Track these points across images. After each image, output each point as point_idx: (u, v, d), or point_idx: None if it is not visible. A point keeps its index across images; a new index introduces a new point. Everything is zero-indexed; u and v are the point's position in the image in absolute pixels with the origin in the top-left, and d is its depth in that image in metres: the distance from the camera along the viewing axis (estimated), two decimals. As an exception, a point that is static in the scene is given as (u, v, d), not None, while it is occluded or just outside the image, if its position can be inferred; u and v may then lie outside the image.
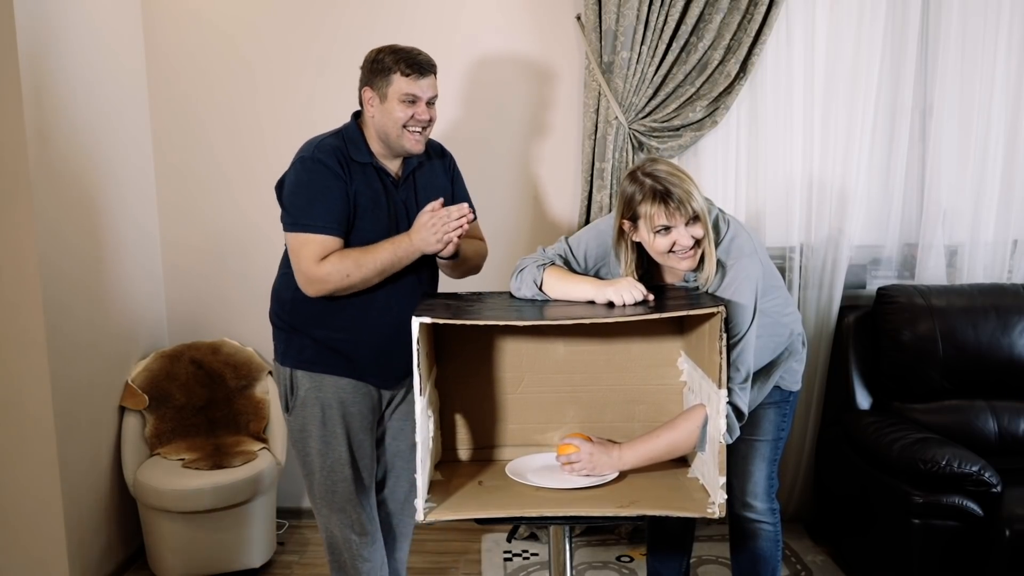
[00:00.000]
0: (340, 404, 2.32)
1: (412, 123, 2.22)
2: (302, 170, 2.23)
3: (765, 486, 2.38)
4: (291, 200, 2.23)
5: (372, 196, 2.25)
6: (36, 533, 2.74)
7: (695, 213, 2.00)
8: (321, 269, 2.18)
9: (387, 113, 2.22)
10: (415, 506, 1.84)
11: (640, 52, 3.02)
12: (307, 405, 2.33)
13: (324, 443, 2.34)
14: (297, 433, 2.38)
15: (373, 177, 2.27)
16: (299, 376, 2.33)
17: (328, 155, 2.22)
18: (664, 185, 1.99)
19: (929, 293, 3.09)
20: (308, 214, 2.19)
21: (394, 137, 2.24)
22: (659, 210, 2.00)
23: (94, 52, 2.95)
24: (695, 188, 2.02)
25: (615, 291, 1.96)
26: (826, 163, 3.19)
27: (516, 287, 2.12)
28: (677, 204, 1.98)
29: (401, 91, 2.20)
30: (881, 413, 3.07)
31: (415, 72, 2.21)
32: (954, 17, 3.12)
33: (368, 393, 2.36)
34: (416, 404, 1.81)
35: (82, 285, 2.86)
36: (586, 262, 2.20)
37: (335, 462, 2.35)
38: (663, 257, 2.07)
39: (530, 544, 3.29)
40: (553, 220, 3.32)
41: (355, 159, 2.25)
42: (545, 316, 1.96)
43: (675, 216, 2.00)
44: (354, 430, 2.35)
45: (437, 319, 1.81)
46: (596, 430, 2.12)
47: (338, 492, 2.36)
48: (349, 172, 2.23)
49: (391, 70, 2.20)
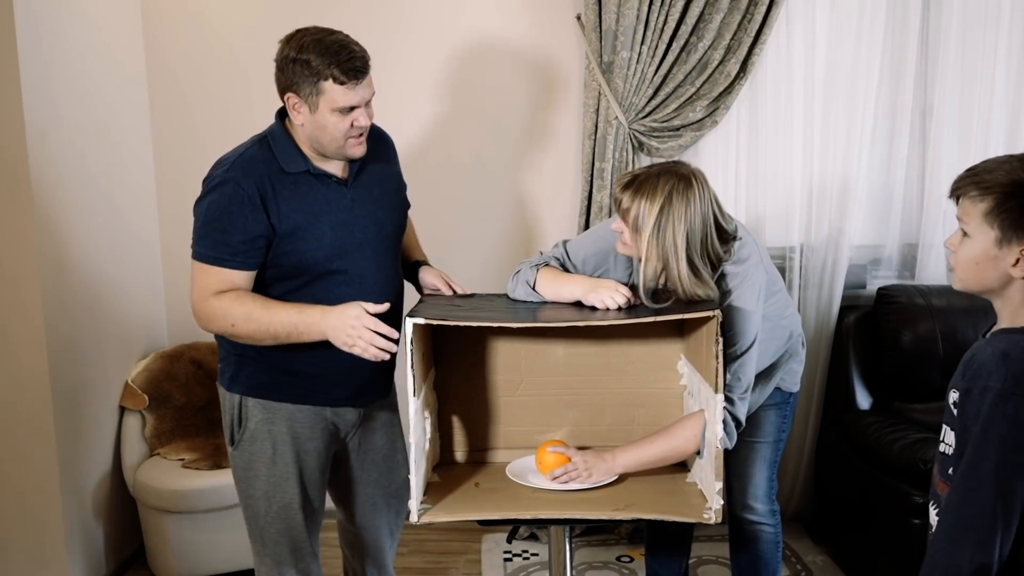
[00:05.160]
0: (294, 440, 2.05)
1: (352, 131, 1.93)
2: (214, 192, 1.92)
3: (766, 488, 2.38)
4: (197, 225, 1.95)
5: (311, 211, 1.95)
6: (36, 533, 2.75)
7: (633, 226, 1.95)
8: (207, 306, 1.92)
9: (321, 126, 1.91)
10: (409, 507, 1.83)
11: (640, 52, 3.02)
12: (256, 440, 2.04)
13: (272, 485, 2.05)
14: (241, 471, 2.08)
15: (312, 186, 1.96)
16: (250, 405, 2.04)
17: (245, 175, 1.90)
18: (636, 177, 1.97)
19: (929, 293, 3.09)
20: (211, 243, 1.91)
21: (332, 149, 1.95)
22: (619, 189, 1.98)
23: (94, 52, 2.95)
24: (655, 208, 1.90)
25: (597, 296, 1.94)
26: (826, 163, 3.19)
27: (511, 288, 2.12)
28: (627, 190, 1.95)
29: (336, 103, 1.87)
30: (881, 413, 3.07)
31: (351, 79, 1.87)
32: (954, 17, 3.11)
33: (327, 427, 2.09)
34: (410, 405, 1.80)
35: (82, 285, 2.86)
36: (584, 267, 2.16)
37: (283, 507, 2.07)
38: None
39: (530, 544, 3.28)
40: (553, 220, 3.32)
41: (286, 170, 1.94)
42: (539, 319, 1.96)
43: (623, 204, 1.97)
44: (308, 469, 2.08)
45: (430, 319, 1.81)
46: (595, 434, 2.12)
47: (283, 541, 2.09)
48: (274, 190, 1.91)
49: (320, 75, 1.86)
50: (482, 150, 3.26)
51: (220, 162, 1.98)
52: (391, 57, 3.22)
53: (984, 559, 1.39)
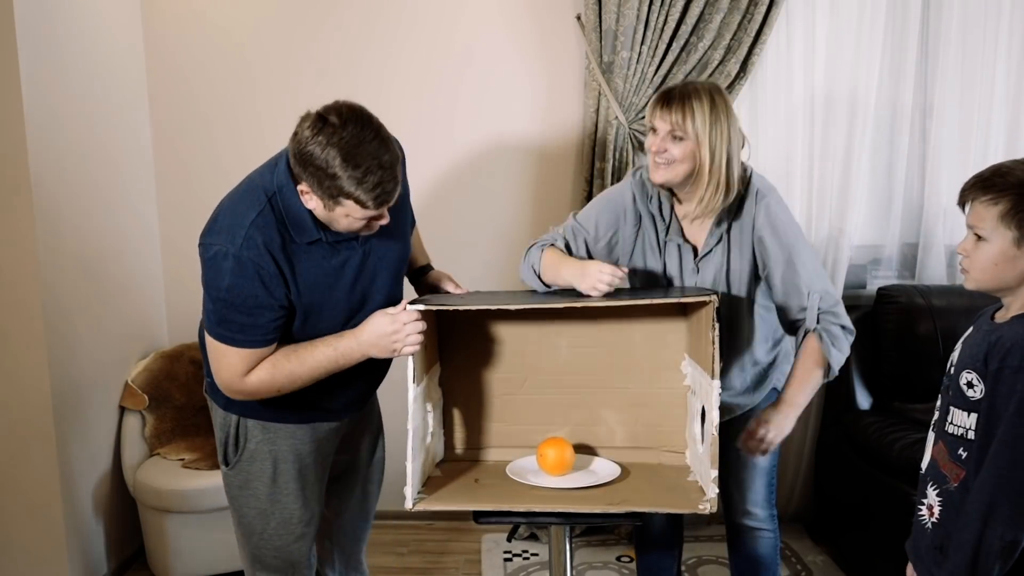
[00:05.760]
0: (296, 457, 1.98)
1: (369, 228, 1.81)
2: (226, 269, 1.75)
3: (765, 494, 2.36)
4: (217, 307, 1.80)
5: (327, 282, 1.85)
6: (36, 533, 2.74)
7: (683, 130, 2.00)
8: (246, 385, 1.83)
9: (334, 219, 1.78)
10: (404, 495, 1.82)
11: (640, 52, 3.02)
12: (256, 460, 1.97)
13: (272, 502, 1.99)
14: (236, 490, 2.00)
15: (325, 254, 1.84)
16: (249, 426, 1.96)
17: (261, 255, 1.75)
18: (672, 89, 2.04)
19: (929, 293, 3.09)
20: (236, 327, 1.79)
21: (346, 232, 1.83)
22: (653, 107, 2.05)
23: (94, 52, 2.94)
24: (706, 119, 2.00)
25: (586, 283, 1.94)
26: (826, 163, 3.19)
27: (522, 270, 2.16)
28: (668, 106, 2.01)
29: (355, 215, 1.74)
30: (881, 413, 3.07)
31: (378, 207, 1.73)
32: (954, 18, 3.12)
33: (328, 438, 2.05)
34: (409, 392, 1.81)
35: (82, 285, 2.86)
36: (597, 231, 2.18)
37: (282, 523, 2.01)
38: (650, 163, 2.09)
39: (530, 544, 3.28)
40: (552, 220, 3.30)
41: (298, 240, 1.80)
42: (536, 303, 1.97)
43: (661, 118, 2.02)
44: (309, 483, 2.02)
45: (431, 306, 1.85)
46: (598, 433, 2.12)
47: (280, 557, 2.03)
48: (291, 264, 1.80)
49: (344, 194, 1.70)
50: (482, 150, 3.26)
51: (229, 230, 1.77)
52: (392, 57, 3.22)
53: (1015, 536, 1.45)
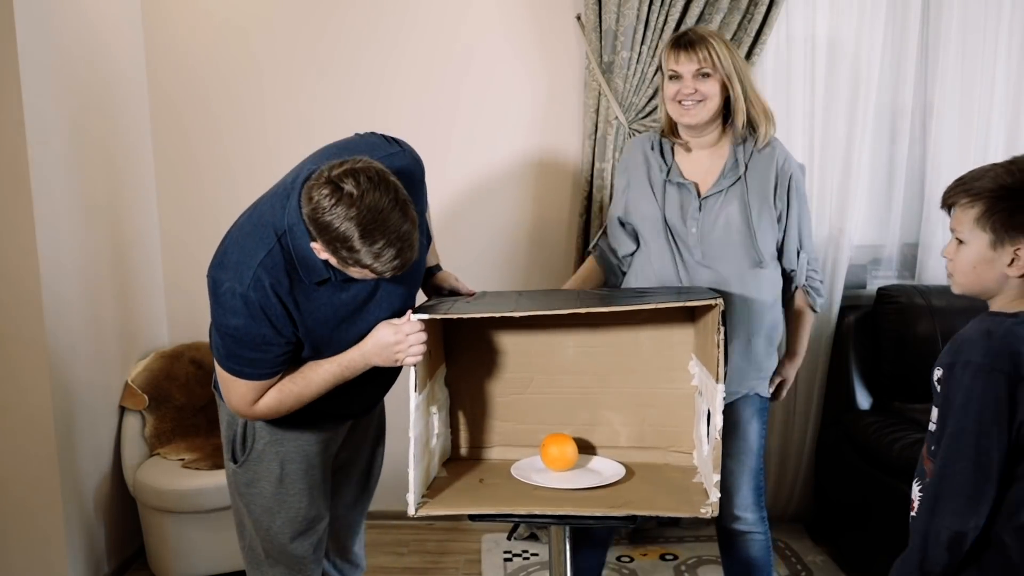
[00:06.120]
0: (303, 458, 1.99)
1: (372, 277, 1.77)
2: (235, 308, 1.74)
3: (753, 498, 2.35)
4: (220, 336, 1.81)
5: (339, 315, 1.84)
6: (36, 533, 2.74)
7: (711, 65, 2.01)
8: (255, 411, 1.86)
9: (346, 271, 1.74)
10: (407, 501, 1.82)
11: (640, 52, 3.02)
12: (263, 460, 1.98)
13: (278, 501, 1.99)
14: (243, 487, 2.00)
15: (335, 291, 1.82)
16: (257, 427, 1.97)
17: (267, 295, 1.74)
18: (686, 33, 2.04)
19: (929, 293, 3.09)
20: (247, 361, 1.80)
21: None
22: (671, 54, 2.04)
23: (94, 52, 2.94)
24: (727, 51, 2.03)
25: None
26: (826, 163, 3.19)
27: None
28: (690, 48, 2.00)
29: (368, 276, 1.73)
30: (881, 413, 3.07)
31: (394, 273, 1.71)
32: (954, 17, 3.12)
33: (334, 438, 2.07)
34: (411, 400, 1.81)
35: (82, 285, 2.86)
36: (627, 216, 2.33)
37: (287, 521, 2.01)
38: (674, 110, 2.08)
39: (530, 544, 3.28)
40: (552, 220, 3.31)
41: (307, 280, 1.78)
42: (540, 307, 1.96)
43: (686, 61, 2.01)
44: (315, 482, 2.02)
45: (434, 315, 1.83)
46: (605, 433, 2.12)
47: (285, 552, 2.03)
48: (298, 304, 1.78)
49: (359, 262, 1.66)
50: (481, 150, 3.26)
51: (237, 268, 1.75)
52: (392, 58, 3.22)
53: (960, 527, 1.48)
